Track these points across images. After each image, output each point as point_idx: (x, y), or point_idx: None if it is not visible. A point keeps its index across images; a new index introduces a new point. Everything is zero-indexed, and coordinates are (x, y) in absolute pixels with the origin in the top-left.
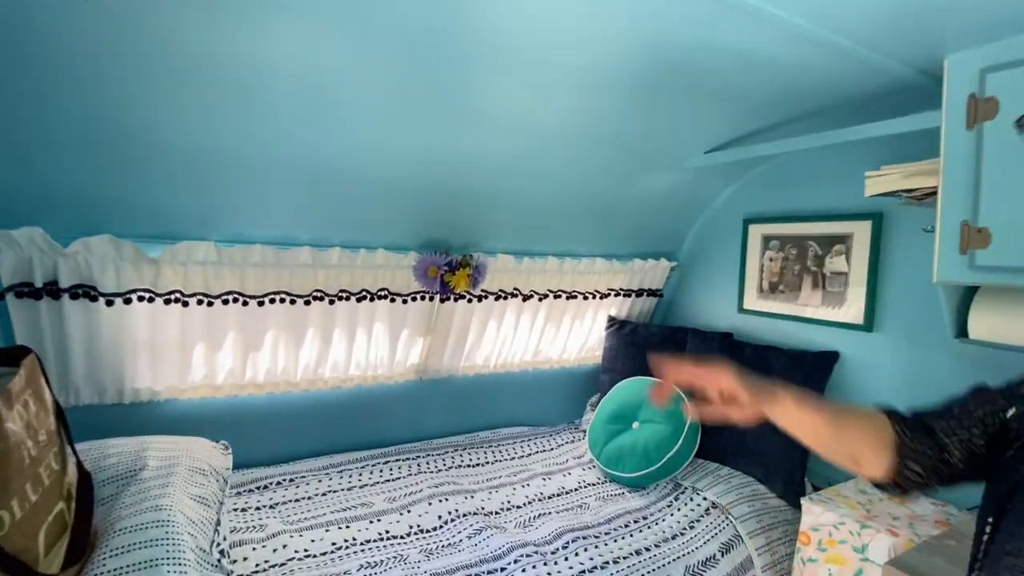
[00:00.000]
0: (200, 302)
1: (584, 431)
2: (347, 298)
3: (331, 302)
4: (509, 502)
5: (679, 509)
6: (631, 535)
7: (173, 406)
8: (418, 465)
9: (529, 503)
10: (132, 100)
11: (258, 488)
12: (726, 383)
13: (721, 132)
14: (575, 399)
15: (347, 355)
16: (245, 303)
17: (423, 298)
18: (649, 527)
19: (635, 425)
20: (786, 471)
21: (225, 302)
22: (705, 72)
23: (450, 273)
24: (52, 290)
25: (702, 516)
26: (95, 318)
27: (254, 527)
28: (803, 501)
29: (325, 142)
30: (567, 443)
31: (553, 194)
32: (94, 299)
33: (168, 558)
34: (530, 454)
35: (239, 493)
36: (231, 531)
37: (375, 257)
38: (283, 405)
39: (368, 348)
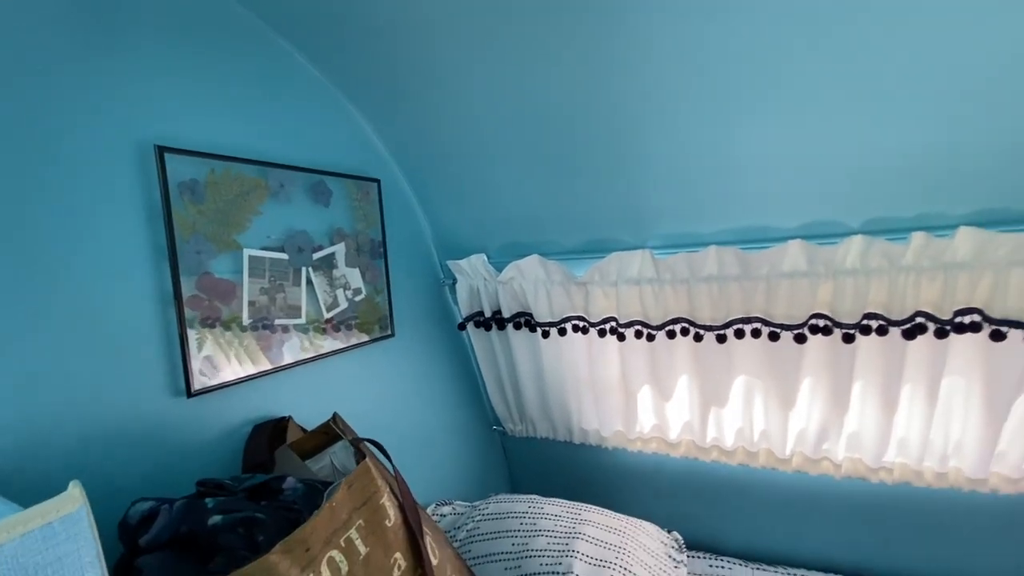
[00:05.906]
0: (639, 334)
1: None
2: (881, 329)
3: (848, 337)
4: None
5: None
6: None
7: (622, 457)
8: None
9: None
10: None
11: None
12: None
13: None
14: None
15: (883, 431)
16: (699, 337)
17: None
18: None
19: None
20: None
21: (671, 334)
22: None
23: None
24: (499, 319)
25: None
26: (537, 348)
27: None
28: None
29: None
30: None
31: None
32: (533, 329)
33: None
34: None
35: None
36: None
37: (954, 249)
38: (775, 483)
39: (941, 422)
